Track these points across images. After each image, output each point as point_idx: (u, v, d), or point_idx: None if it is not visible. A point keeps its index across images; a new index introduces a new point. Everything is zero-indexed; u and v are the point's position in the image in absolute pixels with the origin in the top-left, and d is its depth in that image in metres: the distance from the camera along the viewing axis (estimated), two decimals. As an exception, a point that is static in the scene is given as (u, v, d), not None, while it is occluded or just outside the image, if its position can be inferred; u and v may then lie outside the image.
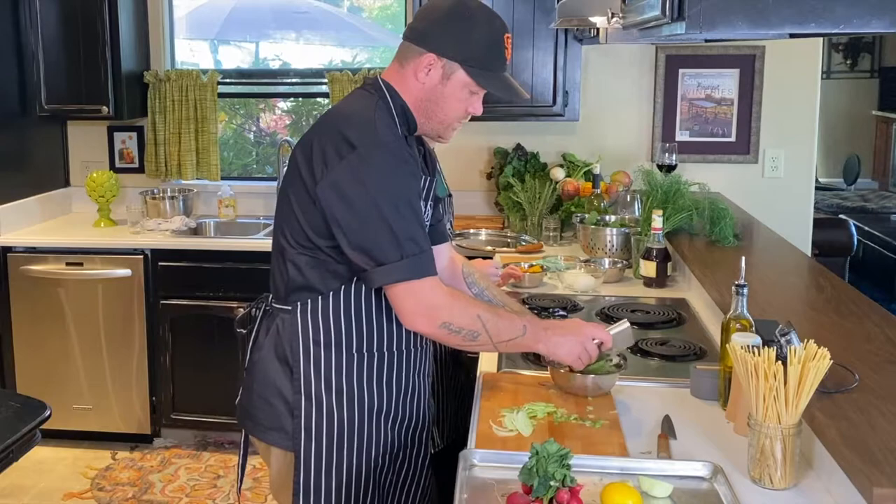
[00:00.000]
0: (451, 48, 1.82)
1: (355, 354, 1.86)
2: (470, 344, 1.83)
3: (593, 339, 1.91)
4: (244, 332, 2.06)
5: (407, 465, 2.00)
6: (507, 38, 1.87)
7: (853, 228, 5.71)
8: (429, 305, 1.76)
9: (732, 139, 4.19)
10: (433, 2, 1.89)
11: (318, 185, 1.77)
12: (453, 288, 1.89)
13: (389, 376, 1.91)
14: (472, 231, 3.96)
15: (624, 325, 2.01)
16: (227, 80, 4.52)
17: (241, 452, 2.07)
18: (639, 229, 3.16)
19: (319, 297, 1.85)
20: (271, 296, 1.95)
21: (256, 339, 1.97)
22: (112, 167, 4.51)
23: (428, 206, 1.94)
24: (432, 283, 1.77)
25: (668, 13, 1.44)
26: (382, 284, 1.76)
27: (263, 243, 3.85)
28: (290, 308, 1.87)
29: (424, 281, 1.76)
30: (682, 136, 4.18)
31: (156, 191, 4.37)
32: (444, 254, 2.14)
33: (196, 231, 4.28)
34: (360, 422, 1.88)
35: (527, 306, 2.64)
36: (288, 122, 4.84)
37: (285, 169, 2.32)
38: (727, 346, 1.74)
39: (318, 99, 4.65)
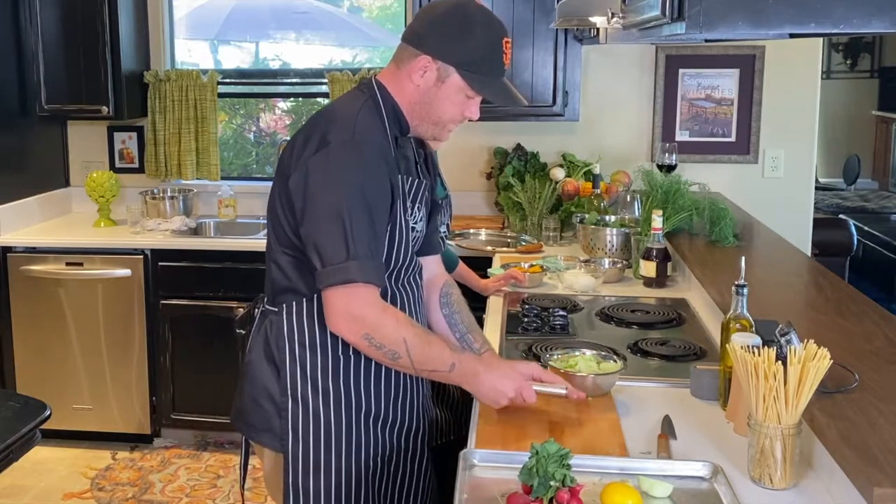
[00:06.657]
0: (446, 51, 1.80)
1: (341, 357, 1.85)
2: (389, 362, 1.79)
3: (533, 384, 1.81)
4: (243, 332, 2.06)
5: (402, 468, 1.97)
6: (507, 42, 1.83)
7: (853, 228, 5.71)
8: (356, 313, 1.72)
9: (732, 139, 4.18)
10: (432, 4, 1.87)
11: (290, 179, 1.78)
12: (389, 305, 1.80)
13: (377, 379, 1.88)
14: (471, 231, 3.96)
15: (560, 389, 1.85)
16: (227, 80, 4.52)
17: (243, 452, 2.07)
18: (639, 229, 3.16)
19: (304, 300, 1.84)
20: (265, 297, 1.95)
21: (250, 341, 1.97)
22: (112, 167, 4.51)
23: (416, 210, 1.91)
24: (369, 291, 1.72)
25: (667, 13, 1.44)
26: (327, 285, 1.73)
27: (263, 243, 3.75)
28: (276, 309, 1.87)
29: (361, 287, 1.71)
30: (682, 136, 4.18)
31: (156, 191, 4.36)
32: (430, 266, 2.09)
33: (196, 231, 4.28)
34: (347, 424, 1.86)
35: (527, 306, 2.64)
36: (288, 122, 4.84)
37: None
38: (727, 346, 1.74)
39: (318, 99, 4.65)
